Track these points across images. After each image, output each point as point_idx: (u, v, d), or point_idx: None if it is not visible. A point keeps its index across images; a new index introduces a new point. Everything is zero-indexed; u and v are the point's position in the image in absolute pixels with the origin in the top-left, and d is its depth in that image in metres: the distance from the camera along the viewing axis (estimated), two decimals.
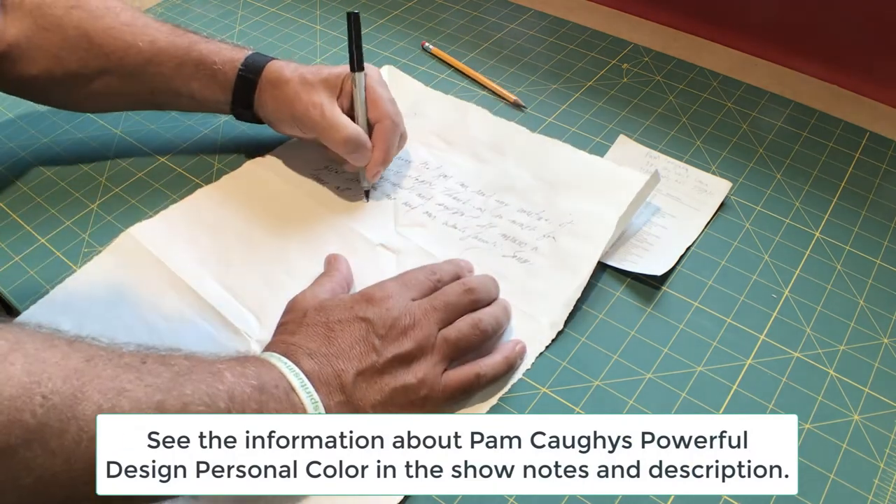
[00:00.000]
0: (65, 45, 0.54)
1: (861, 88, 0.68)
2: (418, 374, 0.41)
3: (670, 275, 0.51)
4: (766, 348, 0.47)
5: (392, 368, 0.41)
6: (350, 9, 0.56)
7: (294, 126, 0.54)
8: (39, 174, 0.59)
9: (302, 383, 0.38)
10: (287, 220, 0.55)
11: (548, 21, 0.77)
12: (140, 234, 0.53)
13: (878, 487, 0.41)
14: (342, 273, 0.49)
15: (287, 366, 0.39)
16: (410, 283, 0.45)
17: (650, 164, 0.60)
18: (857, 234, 0.55)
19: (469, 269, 0.50)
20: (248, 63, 0.55)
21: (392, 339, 0.41)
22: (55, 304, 0.49)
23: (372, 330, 0.41)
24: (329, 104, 0.53)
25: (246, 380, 0.36)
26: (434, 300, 0.44)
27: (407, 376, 0.41)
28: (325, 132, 0.52)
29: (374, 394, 0.40)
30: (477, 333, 0.44)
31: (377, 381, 0.40)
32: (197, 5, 0.80)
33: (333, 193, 0.57)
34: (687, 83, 0.68)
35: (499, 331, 0.46)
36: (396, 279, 0.46)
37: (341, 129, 0.52)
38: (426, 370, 0.41)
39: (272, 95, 0.54)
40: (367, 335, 0.41)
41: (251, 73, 0.55)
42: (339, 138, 0.52)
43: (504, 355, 0.45)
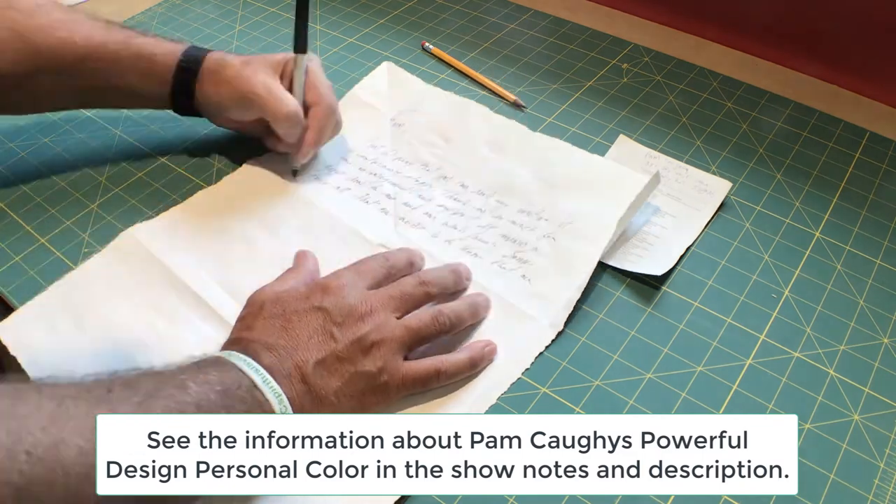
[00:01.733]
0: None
1: (861, 88, 0.68)
2: (377, 362, 0.42)
3: (670, 275, 0.51)
4: (766, 348, 0.47)
5: (351, 355, 0.41)
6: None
7: (236, 108, 0.55)
8: (39, 174, 0.59)
9: (264, 379, 0.38)
10: (287, 220, 0.55)
11: (548, 21, 0.77)
12: (140, 235, 0.53)
13: (878, 487, 0.41)
14: (307, 269, 0.49)
15: (246, 363, 0.39)
16: (364, 271, 0.46)
17: (650, 164, 0.60)
18: (857, 234, 0.55)
19: (420, 256, 0.51)
20: (187, 54, 0.55)
21: (349, 326, 0.42)
22: (53, 301, 0.49)
23: (329, 318, 0.42)
24: (273, 81, 0.54)
25: (210, 386, 0.36)
26: (390, 289, 0.45)
27: (366, 363, 0.41)
28: (267, 105, 0.53)
29: (335, 381, 0.40)
30: (436, 324, 0.44)
31: (337, 368, 0.41)
32: (197, 5, 0.80)
33: (334, 193, 0.57)
34: (687, 83, 0.68)
35: (459, 325, 0.46)
36: (350, 268, 0.47)
37: (286, 103, 0.53)
38: (385, 357, 0.42)
39: (213, 81, 0.54)
40: (324, 324, 0.42)
41: (191, 62, 0.55)
42: (283, 112, 0.52)
43: (469, 354, 0.45)
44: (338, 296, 0.43)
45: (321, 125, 0.55)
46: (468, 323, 0.47)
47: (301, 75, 0.55)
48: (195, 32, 0.75)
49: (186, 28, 0.76)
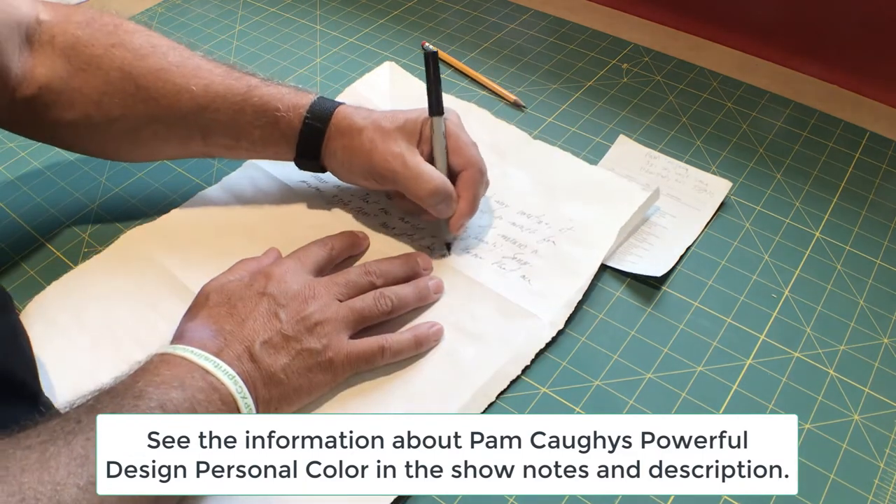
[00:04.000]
0: (106, 89, 0.49)
1: (861, 88, 0.68)
2: (322, 340, 0.43)
3: (670, 275, 0.51)
4: (766, 348, 0.47)
5: (296, 333, 0.42)
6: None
7: (368, 178, 0.50)
8: (39, 174, 0.59)
9: (215, 364, 0.38)
10: (287, 220, 0.55)
11: (548, 21, 0.77)
12: (140, 236, 0.53)
13: (878, 487, 0.41)
14: (259, 261, 0.48)
15: (193, 353, 0.39)
16: (305, 258, 0.47)
17: (650, 164, 0.60)
18: (857, 234, 0.55)
19: (364, 237, 0.52)
20: (314, 109, 0.50)
21: (294, 307, 0.43)
22: (52, 300, 0.49)
23: (274, 301, 0.43)
24: (410, 153, 0.49)
25: (167, 386, 0.36)
26: (335, 277, 0.46)
27: (311, 340, 0.42)
28: (408, 183, 0.48)
29: (282, 358, 0.41)
30: (379, 305, 0.45)
31: (283, 346, 0.41)
32: (197, 5, 0.80)
33: (335, 192, 0.57)
34: (687, 83, 0.68)
35: (402, 308, 0.47)
36: (292, 255, 0.48)
37: (427, 179, 0.48)
38: (329, 335, 0.43)
39: (343, 145, 0.50)
40: (269, 306, 0.43)
41: (318, 120, 0.50)
42: (426, 190, 0.48)
43: (414, 333, 0.46)
44: (281, 281, 0.44)
45: (473, 192, 0.50)
46: (412, 306, 0.48)
47: (441, 139, 0.50)
48: (195, 32, 0.75)
49: (186, 28, 0.76)
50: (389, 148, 0.49)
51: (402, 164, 0.48)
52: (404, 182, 0.48)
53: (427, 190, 0.48)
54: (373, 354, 0.44)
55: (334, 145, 0.50)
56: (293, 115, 0.50)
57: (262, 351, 0.41)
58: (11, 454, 0.32)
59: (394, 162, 0.48)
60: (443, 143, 0.50)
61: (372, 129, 0.49)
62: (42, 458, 0.32)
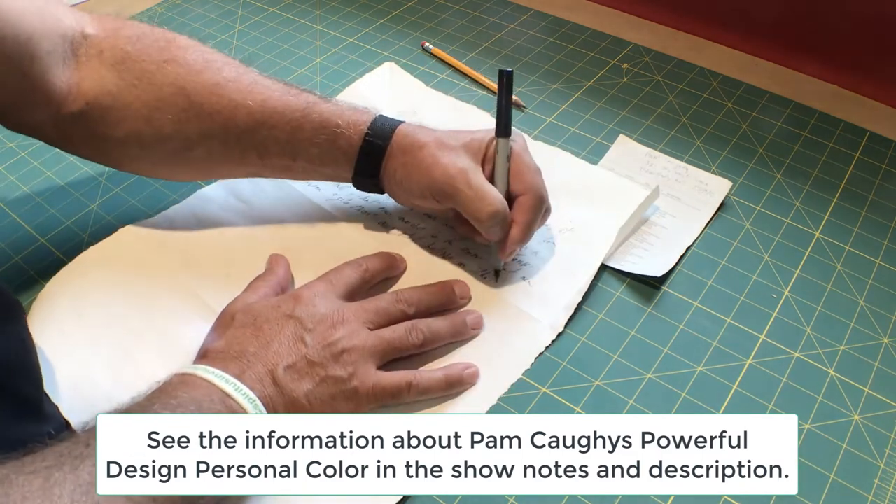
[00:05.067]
0: (158, 105, 0.47)
1: (861, 88, 0.68)
2: (348, 368, 0.41)
3: (670, 275, 0.51)
4: (766, 348, 0.47)
5: (322, 359, 0.41)
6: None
7: (426, 196, 0.48)
8: (39, 174, 0.59)
9: (235, 387, 0.38)
10: (287, 218, 0.55)
11: (548, 21, 0.77)
12: (140, 232, 0.53)
13: (878, 487, 0.41)
14: (277, 276, 0.48)
15: (214, 374, 0.38)
16: (337, 280, 0.46)
17: (650, 163, 0.60)
18: (857, 234, 0.55)
19: (400, 259, 0.50)
20: (375, 126, 0.49)
21: (321, 332, 0.42)
22: (52, 297, 0.49)
23: (301, 325, 0.42)
24: (474, 171, 0.47)
25: (184, 410, 0.36)
26: (365, 303, 0.45)
27: (336, 368, 0.41)
28: (469, 202, 0.46)
29: (306, 384, 0.40)
30: (410, 337, 0.44)
31: (308, 371, 0.41)
32: (197, 5, 0.80)
33: (335, 190, 0.57)
34: (687, 83, 0.68)
35: (435, 342, 0.45)
36: (323, 278, 0.46)
37: (490, 202, 0.46)
38: (356, 363, 0.42)
39: (403, 163, 0.48)
40: (295, 330, 0.42)
41: (380, 137, 0.48)
42: (487, 211, 0.46)
43: (446, 374, 0.44)
44: (310, 304, 0.43)
45: (529, 220, 0.48)
46: (446, 341, 0.46)
47: (504, 162, 0.48)
48: (195, 32, 0.75)
49: (186, 28, 0.76)
50: (453, 162, 0.47)
51: (465, 182, 0.46)
52: (465, 201, 0.46)
53: (488, 212, 0.46)
54: (399, 390, 0.42)
55: (394, 164, 0.49)
56: (353, 131, 0.48)
57: (286, 375, 0.40)
58: (14, 480, 0.31)
59: (459, 178, 0.46)
60: (506, 166, 0.48)
61: (434, 145, 0.48)
62: (46, 484, 0.31)
